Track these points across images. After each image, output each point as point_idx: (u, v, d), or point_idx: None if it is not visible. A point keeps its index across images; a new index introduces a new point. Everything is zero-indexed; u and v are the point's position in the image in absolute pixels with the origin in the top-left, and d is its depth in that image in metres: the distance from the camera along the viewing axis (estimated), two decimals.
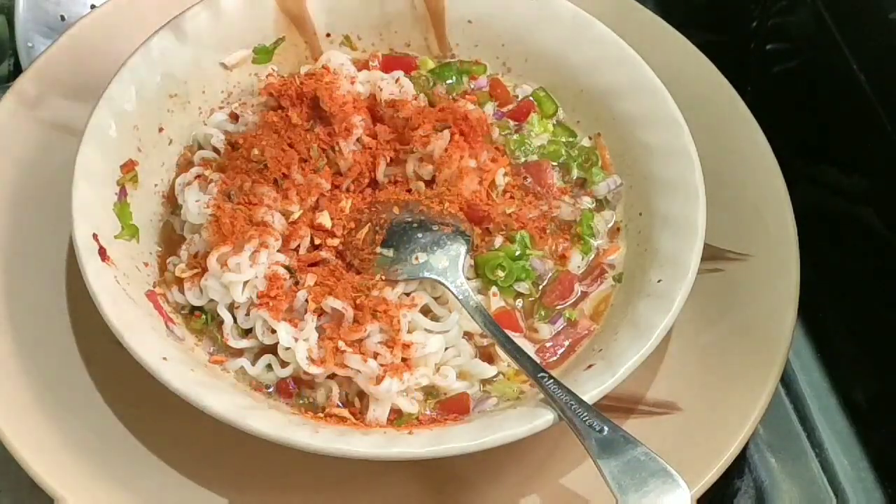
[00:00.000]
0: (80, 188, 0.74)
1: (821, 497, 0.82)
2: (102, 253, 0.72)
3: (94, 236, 0.72)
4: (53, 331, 0.77)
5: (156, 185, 0.80)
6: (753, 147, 0.86)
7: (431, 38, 0.88)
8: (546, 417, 0.67)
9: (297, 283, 0.75)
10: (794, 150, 0.87)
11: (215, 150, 0.82)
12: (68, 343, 0.77)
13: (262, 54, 0.85)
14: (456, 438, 0.67)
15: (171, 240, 0.80)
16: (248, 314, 0.75)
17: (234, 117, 0.83)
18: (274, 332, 0.73)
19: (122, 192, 0.77)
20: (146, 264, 0.77)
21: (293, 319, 0.74)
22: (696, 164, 0.77)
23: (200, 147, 0.83)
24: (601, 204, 0.83)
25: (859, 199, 0.89)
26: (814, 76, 0.92)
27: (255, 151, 0.77)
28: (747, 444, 0.74)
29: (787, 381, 0.86)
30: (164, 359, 0.68)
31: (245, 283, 0.74)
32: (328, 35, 0.87)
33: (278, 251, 0.75)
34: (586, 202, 0.82)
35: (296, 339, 0.73)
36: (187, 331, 0.75)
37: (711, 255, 0.75)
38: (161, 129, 0.80)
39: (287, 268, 0.75)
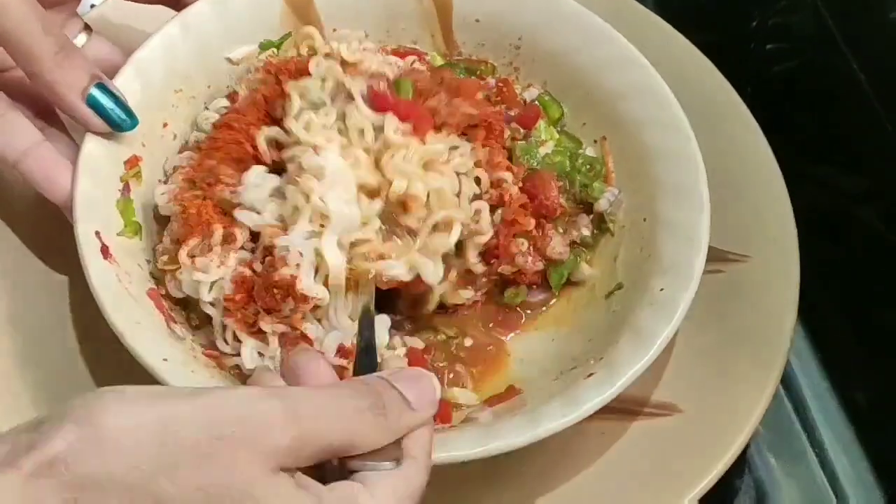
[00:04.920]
0: (83, 184, 0.73)
1: (821, 497, 0.82)
2: (105, 251, 0.72)
3: (97, 233, 0.72)
4: (54, 330, 0.77)
5: (159, 181, 0.80)
6: (753, 147, 0.86)
7: (438, 35, 0.88)
8: (547, 426, 0.67)
9: None
10: (794, 150, 0.87)
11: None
12: (69, 342, 0.76)
13: (269, 49, 0.84)
14: (458, 447, 0.66)
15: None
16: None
17: (233, 99, 0.82)
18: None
19: (126, 189, 0.76)
20: (148, 261, 0.76)
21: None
22: (702, 171, 0.77)
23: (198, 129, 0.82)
24: (602, 220, 0.81)
25: (859, 199, 0.89)
26: (814, 76, 0.92)
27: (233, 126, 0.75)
28: (747, 444, 0.74)
29: (787, 381, 0.86)
30: (165, 360, 0.68)
31: (213, 283, 0.71)
32: (335, 30, 0.86)
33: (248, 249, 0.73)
34: (584, 231, 0.81)
35: (261, 355, 0.71)
36: (188, 326, 0.75)
37: (712, 256, 0.75)
38: (165, 125, 0.80)
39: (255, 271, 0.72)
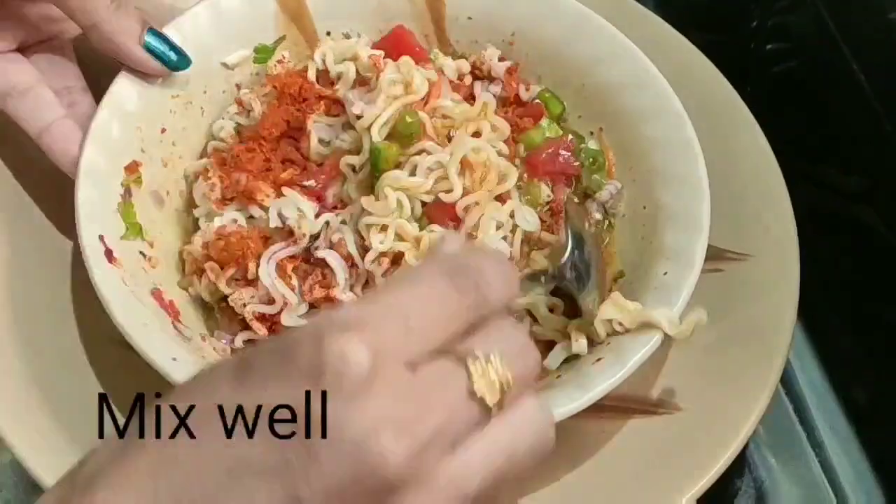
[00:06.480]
0: (85, 190, 0.73)
1: (821, 497, 0.82)
2: (109, 255, 0.72)
3: (101, 237, 0.72)
4: (57, 330, 0.77)
5: (159, 186, 0.80)
6: (753, 147, 0.86)
7: (431, 34, 0.88)
8: (558, 411, 0.66)
9: None
10: (794, 150, 0.87)
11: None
12: (72, 342, 0.76)
13: (263, 53, 0.85)
14: None
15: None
16: None
17: (240, 103, 0.83)
18: None
19: (127, 193, 0.76)
20: (149, 259, 0.76)
21: None
22: (699, 156, 0.77)
23: (214, 138, 0.83)
24: (603, 213, 0.82)
25: (859, 199, 0.89)
26: (814, 76, 0.92)
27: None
28: (747, 444, 0.74)
29: (787, 381, 0.86)
30: (174, 359, 0.68)
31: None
32: (328, 33, 0.86)
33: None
34: (597, 215, 0.81)
35: None
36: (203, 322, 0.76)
37: (711, 255, 0.75)
38: (163, 130, 0.80)
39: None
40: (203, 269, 0.76)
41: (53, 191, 0.79)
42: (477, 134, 0.78)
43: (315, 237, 0.77)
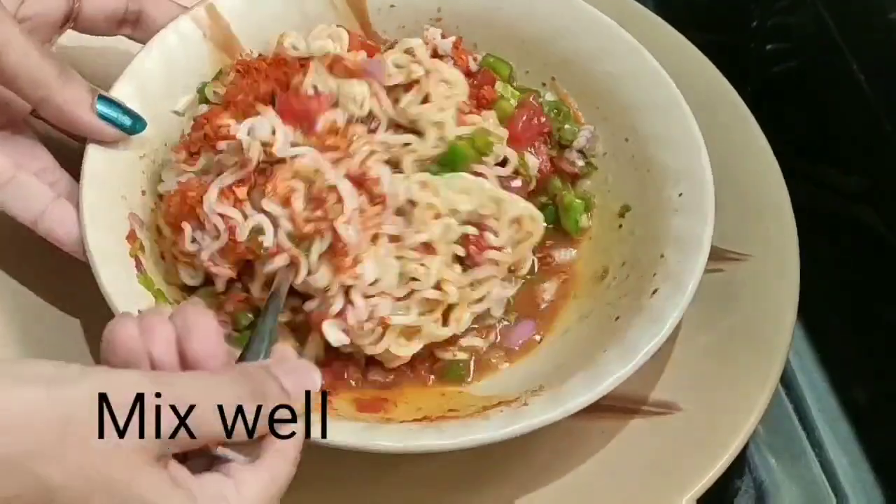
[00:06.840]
0: (105, 271, 0.71)
1: (821, 497, 0.82)
2: None
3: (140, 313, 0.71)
4: (58, 329, 0.77)
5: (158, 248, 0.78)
6: (753, 147, 0.86)
7: (358, 31, 0.86)
8: (577, 401, 0.67)
9: None
10: (794, 150, 0.87)
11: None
12: (72, 342, 0.76)
13: (207, 91, 0.82)
14: (482, 430, 0.66)
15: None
16: None
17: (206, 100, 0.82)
18: None
19: (139, 264, 0.75)
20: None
21: None
22: (673, 87, 0.79)
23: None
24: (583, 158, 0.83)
25: (859, 199, 0.89)
26: (814, 76, 0.92)
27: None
28: (747, 444, 0.74)
29: (787, 381, 0.86)
30: None
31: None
32: (260, 55, 0.84)
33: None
34: (579, 162, 0.82)
35: None
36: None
37: (711, 255, 0.75)
38: (143, 193, 0.79)
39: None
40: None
41: None
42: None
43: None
